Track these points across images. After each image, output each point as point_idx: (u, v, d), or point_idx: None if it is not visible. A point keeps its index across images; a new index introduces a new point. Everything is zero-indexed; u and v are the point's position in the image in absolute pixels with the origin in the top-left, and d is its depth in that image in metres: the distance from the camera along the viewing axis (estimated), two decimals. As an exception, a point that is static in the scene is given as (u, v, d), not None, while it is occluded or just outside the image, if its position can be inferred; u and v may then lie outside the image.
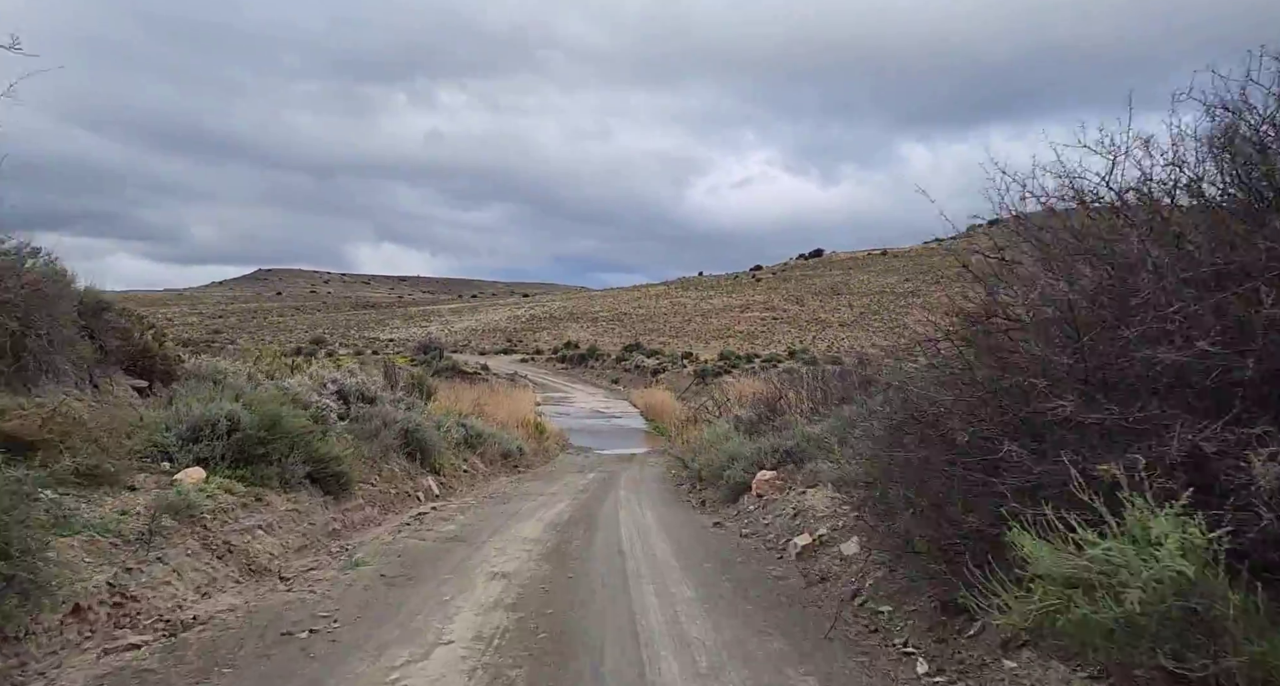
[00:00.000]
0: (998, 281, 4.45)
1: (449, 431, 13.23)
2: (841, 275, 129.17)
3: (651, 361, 54.35)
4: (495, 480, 13.69)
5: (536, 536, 7.23)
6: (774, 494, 7.75)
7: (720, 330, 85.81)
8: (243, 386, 7.85)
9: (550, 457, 20.52)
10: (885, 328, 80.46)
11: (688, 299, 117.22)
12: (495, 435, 15.73)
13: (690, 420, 22.94)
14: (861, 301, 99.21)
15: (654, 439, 28.41)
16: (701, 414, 22.56)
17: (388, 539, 6.82)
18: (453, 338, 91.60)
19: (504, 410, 23.72)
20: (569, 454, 22.65)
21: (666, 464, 19.25)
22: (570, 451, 23.33)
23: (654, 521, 8.50)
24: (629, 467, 18.07)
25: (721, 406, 21.54)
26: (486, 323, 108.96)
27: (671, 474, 16.17)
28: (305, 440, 6.67)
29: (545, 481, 13.95)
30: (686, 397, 36.97)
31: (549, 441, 22.31)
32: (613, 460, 20.65)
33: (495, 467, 14.81)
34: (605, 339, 78.49)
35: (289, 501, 6.20)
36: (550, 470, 16.73)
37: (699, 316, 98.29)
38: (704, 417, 22.09)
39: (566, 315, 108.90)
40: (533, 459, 18.19)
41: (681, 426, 22.89)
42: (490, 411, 22.66)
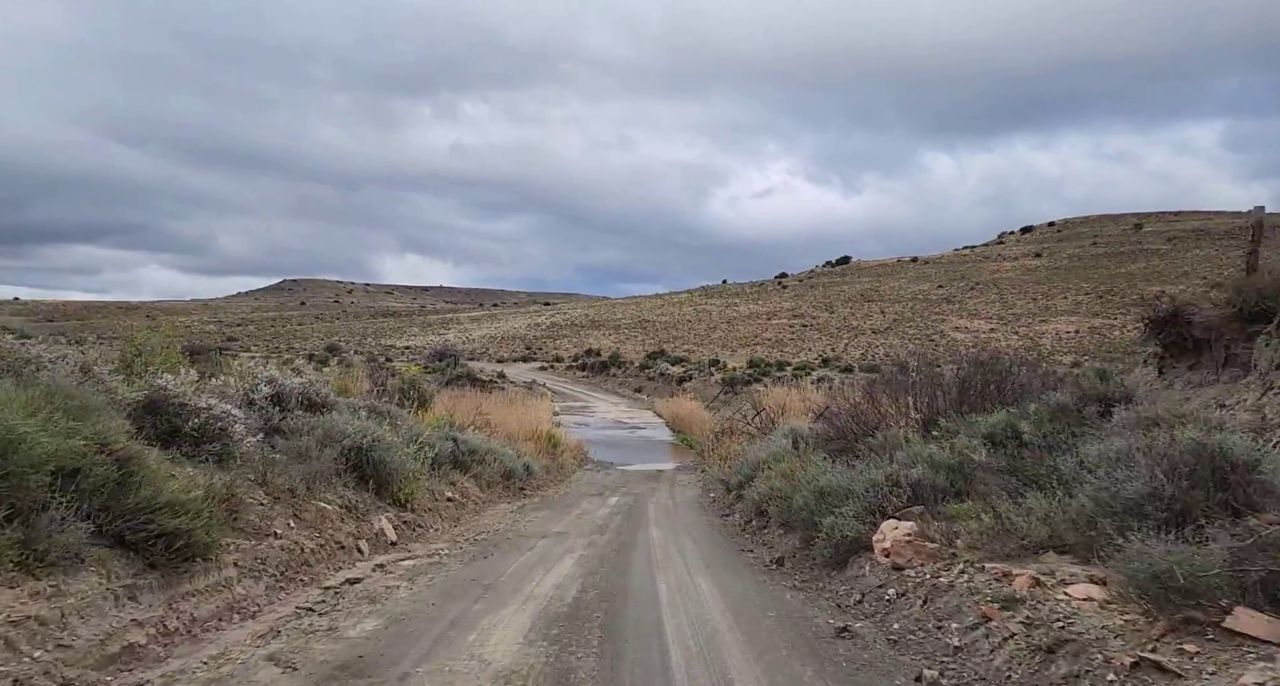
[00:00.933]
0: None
1: (429, 448, 10.21)
2: (871, 282, 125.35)
3: (677, 369, 51.26)
4: (491, 509, 10.68)
5: (509, 663, 4.12)
6: (921, 564, 4.63)
7: (747, 337, 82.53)
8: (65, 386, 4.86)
9: (566, 476, 17.50)
10: (921, 335, 76.70)
11: (712, 306, 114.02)
12: (496, 451, 12.73)
13: (725, 432, 19.80)
14: (894, 308, 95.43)
15: (682, 452, 25.37)
16: (738, 425, 19.42)
17: (206, 675, 3.55)
18: (470, 345, 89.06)
19: (514, 420, 20.81)
20: (587, 470, 19.62)
21: (702, 484, 16.18)
22: (589, 467, 20.30)
23: (720, 612, 5.24)
24: (657, 489, 15.01)
25: (763, 416, 18.40)
26: (506, 330, 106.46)
27: (710, 498, 13.06)
28: (100, 476, 3.71)
29: (554, 511, 10.92)
30: (715, 407, 33.66)
31: (565, 456, 19.28)
32: (638, 478, 17.60)
33: (494, 492, 11.81)
34: (628, 346, 75.53)
35: (36, 593, 3.23)
36: (564, 493, 13.71)
37: (724, 323, 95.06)
38: (742, 429, 18.95)
39: (588, 323, 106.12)
40: (544, 478, 15.17)
41: (715, 439, 19.76)
42: (499, 421, 19.79)
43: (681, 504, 12.48)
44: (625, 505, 11.94)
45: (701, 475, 18.07)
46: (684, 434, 28.87)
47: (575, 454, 21.53)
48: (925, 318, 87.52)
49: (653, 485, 16.11)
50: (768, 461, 10.00)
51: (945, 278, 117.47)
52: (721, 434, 19.76)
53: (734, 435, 18.98)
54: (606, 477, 17.84)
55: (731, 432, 19.29)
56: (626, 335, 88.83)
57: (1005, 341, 70.04)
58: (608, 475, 18.48)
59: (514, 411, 24.02)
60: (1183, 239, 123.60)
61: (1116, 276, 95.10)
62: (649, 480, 17.36)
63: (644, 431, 31.58)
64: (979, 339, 72.49)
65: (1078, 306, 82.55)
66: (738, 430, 19.38)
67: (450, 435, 11.99)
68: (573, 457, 20.53)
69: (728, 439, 18.76)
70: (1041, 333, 70.51)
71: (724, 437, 19.15)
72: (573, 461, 20.05)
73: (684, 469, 20.06)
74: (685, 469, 20.06)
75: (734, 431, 19.30)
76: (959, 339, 73.32)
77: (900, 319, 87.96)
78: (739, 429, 19.34)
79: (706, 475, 17.60)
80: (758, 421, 18.23)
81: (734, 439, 18.61)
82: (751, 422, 18.11)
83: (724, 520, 10.37)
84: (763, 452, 10.53)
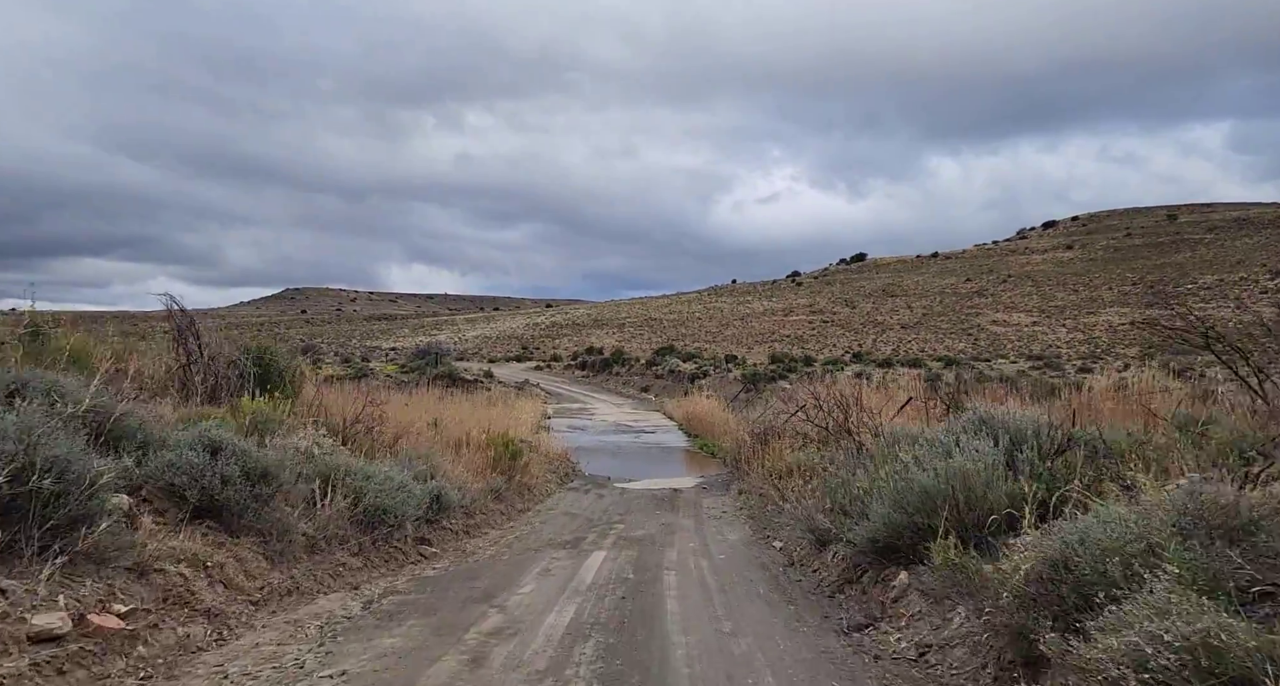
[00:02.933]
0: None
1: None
2: (892, 277, 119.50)
3: (689, 366, 45.50)
4: (266, 619, 4.90)
5: None
6: None
7: (763, 334, 76.70)
8: None
9: (533, 502, 11.75)
10: (956, 329, 70.86)
11: (723, 304, 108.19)
12: (365, 473, 6.81)
13: (766, 434, 13.94)
14: (921, 303, 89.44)
15: (702, 461, 19.65)
16: (790, 425, 13.58)
17: None
18: (463, 345, 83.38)
19: (475, 424, 15.12)
20: (572, 490, 13.92)
21: (748, 514, 10.46)
22: (576, 485, 14.59)
23: None
24: (676, 527, 9.29)
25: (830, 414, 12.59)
26: (502, 330, 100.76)
27: (778, 550, 7.32)
28: None
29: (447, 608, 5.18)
30: (736, 407, 27.54)
31: (534, 472, 13.48)
32: (644, 503, 11.89)
33: (322, 563, 6.01)
34: (633, 345, 69.80)
35: None
36: (509, 542, 7.93)
37: (737, 321, 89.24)
38: (796, 430, 13.13)
39: (590, 322, 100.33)
40: (484, 513, 9.38)
41: (753, 445, 13.94)
42: (455, 423, 14.18)
43: (729, 565, 6.73)
44: (618, 574, 6.18)
45: (741, 498, 12.26)
46: (703, 438, 23.08)
47: (559, 466, 15.77)
48: (957, 311, 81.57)
49: (667, 517, 10.33)
50: (956, 482, 4.17)
51: (972, 272, 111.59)
52: (762, 437, 13.95)
53: (781, 438, 13.20)
54: (597, 503, 12.07)
55: (778, 435, 13.50)
56: (632, 334, 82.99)
57: (1053, 334, 64.14)
58: (600, 499, 12.72)
59: (487, 413, 18.44)
60: (1224, 228, 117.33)
61: (1163, 266, 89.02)
62: (661, 506, 11.61)
63: (652, 436, 25.78)
64: (1022, 333, 66.54)
65: (1126, 297, 76.48)
66: (786, 431, 13.59)
67: (237, 449, 6.04)
68: (551, 473, 14.76)
69: (774, 444, 12.97)
70: (1092, 324, 64.53)
71: (767, 442, 13.36)
72: (550, 478, 14.29)
73: (710, 486, 14.31)
74: (711, 486, 14.30)
75: (781, 433, 13.51)
76: (1000, 333, 67.39)
77: (930, 313, 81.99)
78: (789, 429, 13.53)
79: (750, 499, 11.80)
80: (824, 419, 12.40)
81: (782, 443, 12.83)
82: (814, 421, 12.29)
83: (856, 628, 4.60)
84: (929, 474, 4.67)
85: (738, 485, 13.42)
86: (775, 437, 13.41)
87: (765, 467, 12.02)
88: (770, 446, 12.80)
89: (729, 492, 13.33)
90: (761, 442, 13.55)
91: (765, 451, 12.82)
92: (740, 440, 15.66)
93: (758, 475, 12.19)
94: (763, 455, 12.71)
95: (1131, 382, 13.12)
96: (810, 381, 27.38)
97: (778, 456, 11.97)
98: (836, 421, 11.63)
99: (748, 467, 13.39)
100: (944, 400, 9.46)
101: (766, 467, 11.95)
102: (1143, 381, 12.53)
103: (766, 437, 13.63)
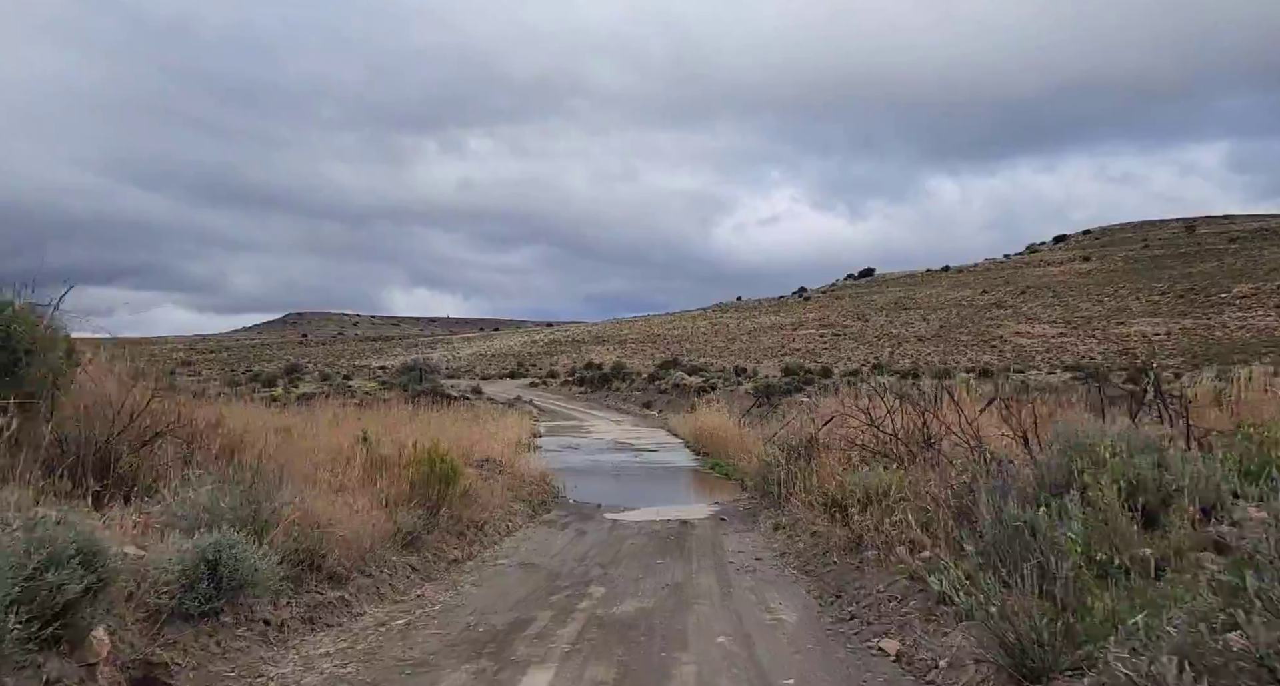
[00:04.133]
0: None
1: None
2: (903, 291, 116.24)
3: (695, 379, 42.13)
4: None
5: None
6: None
7: (771, 349, 73.30)
8: None
9: (480, 546, 8.42)
10: (978, 341, 67.50)
11: (729, 319, 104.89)
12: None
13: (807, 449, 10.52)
14: (937, 315, 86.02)
15: (714, 483, 16.32)
16: (841, 437, 10.18)
17: None
18: (456, 363, 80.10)
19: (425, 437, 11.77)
20: (544, 524, 10.59)
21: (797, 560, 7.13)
22: (551, 516, 11.28)
23: None
24: (690, 589, 6.01)
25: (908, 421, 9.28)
26: (498, 348, 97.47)
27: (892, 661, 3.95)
28: None
29: None
30: (749, 422, 23.95)
31: (480, 502, 10.08)
32: (641, 543, 8.57)
33: None
34: (635, 361, 66.44)
35: None
36: (346, 663, 4.41)
37: (744, 335, 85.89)
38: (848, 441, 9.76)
39: (591, 338, 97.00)
40: (382, 571, 5.98)
41: (791, 462, 10.53)
42: (401, 437, 10.89)
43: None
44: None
45: (780, 536, 8.86)
46: (714, 457, 19.69)
47: (534, 492, 12.39)
48: (976, 323, 78.16)
49: (674, 569, 6.96)
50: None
51: (987, 284, 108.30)
52: (801, 451, 10.52)
53: (828, 452, 9.82)
54: (574, 546, 8.67)
55: (823, 448, 10.10)
56: (634, 350, 79.67)
57: (1083, 345, 60.73)
58: (579, 537, 9.32)
59: (456, 431, 15.30)
60: (1246, 239, 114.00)
61: (1191, 276, 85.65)
62: (665, 549, 8.22)
63: (654, 454, 22.39)
64: (1050, 344, 63.14)
65: (1156, 307, 73.07)
66: (833, 444, 10.19)
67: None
68: (520, 501, 11.37)
69: (821, 459, 9.57)
70: (1125, 336, 61.07)
71: (810, 457, 9.95)
72: (518, 509, 10.89)
73: (729, 515, 10.93)
74: (732, 516, 10.92)
75: (827, 447, 10.11)
76: (1025, 344, 64.02)
77: (948, 325, 78.57)
78: (839, 442, 10.13)
79: (794, 537, 8.39)
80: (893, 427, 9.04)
81: (829, 457, 9.45)
82: (882, 428, 8.91)
83: None
84: None
85: (770, 515, 10.03)
86: (820, 452, 10.02)
87: (811, 492, 8.63)
88: (820, 465, 9.40)
89: (757, 526, 9.94)
90: (803, 458, 10.14)
91: (807, 471, 9.42)
92: (767, 458, 12.25)
93: (800, 502, 8.79)
94: (805, 475, 9.31)
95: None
96: (831, 393, 23.62)
97: (828, 477, 8.58)
98: (910, 431, 8.24)
99: (784, 492, 9.98)
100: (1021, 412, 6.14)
101: (813, 492, 8.55)
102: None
103: (808, 452, 10.22)
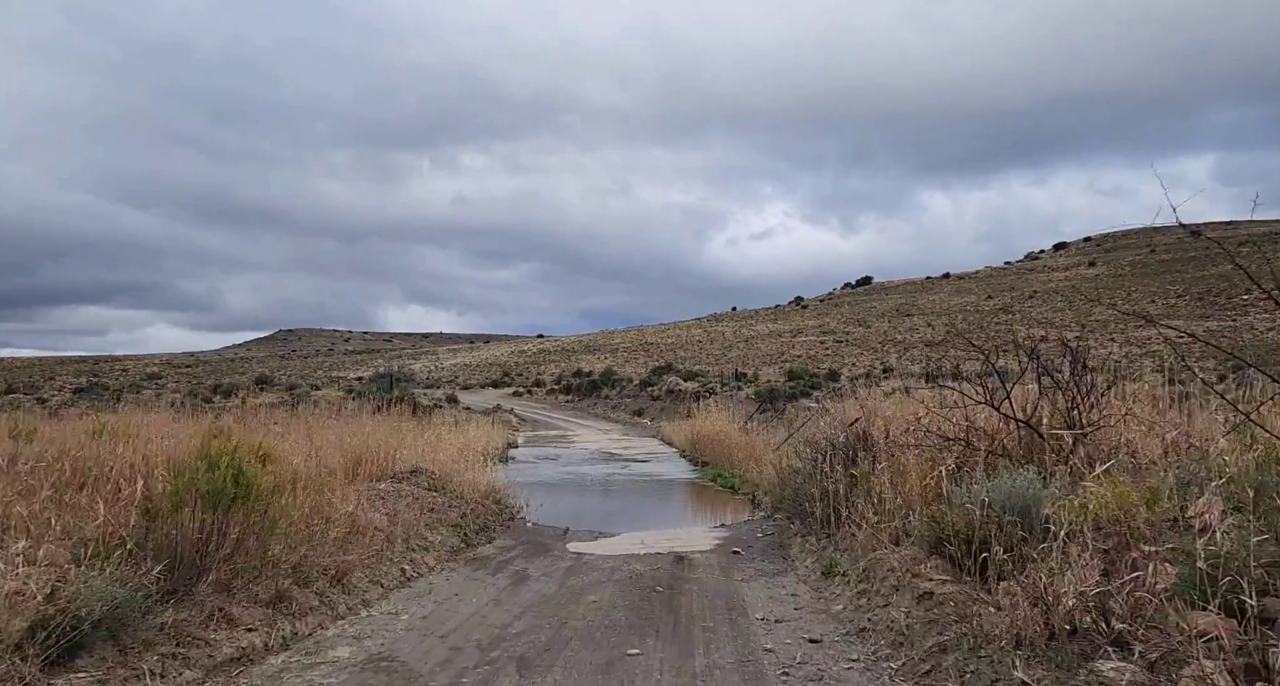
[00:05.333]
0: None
1: None
2: (904, 297, 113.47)
3: (691, 385, 38.88)
4: None
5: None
6: None
7: (770, 356, 70.14)
8: None
9: (348, 609, 5.14)
10: (989, 346, 64.78)
11: (725, 328, 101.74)
12: None
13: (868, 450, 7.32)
14: (942, 320, 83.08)
15: (716, 498, 13.31)
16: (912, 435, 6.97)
17: None
18: (439, 373, 76.67)
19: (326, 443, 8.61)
20: (469, 562, 7.37)
21: (896, 653, 3.80)
22: (489, 549, 8.10)
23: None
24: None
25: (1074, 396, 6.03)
26: (484, 358, 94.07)
27: None
28: None
29: None
30: (753, 429, 20.62)
31: (388, 533, 6.81)
32: (610, 598, 5.40)
33: None
34: (627, 369, 63.17)
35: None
36: None
37: (741, 343, 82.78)
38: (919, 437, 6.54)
39: (581, 348, 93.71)
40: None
41: (836, 472, 7.31)
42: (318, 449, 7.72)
43: None
44: None
45: (843, 589, 5.58)
46: (718, 468, 16.54)
47: (472, 515, 9.16)
48: (984, 328, 75.21)
49: (656, 672, 3.74)
50: None
51: (991, 290, 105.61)
52: (854, 453, 7.30)
53: (904, 452, 6.60)
54: (493, 612, 5.48)
55: (895, 449, 6.89)
56: (625, 358, 76.42)
57: (1104, 349, 57.73)
58: (514, 587, 6.11)
59: (397, 441, 12.23)
60: (1258, 242, 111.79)
61: (1208, 278, 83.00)
62: (648, 617, 5.00)
63: (644, 465, 19.21)
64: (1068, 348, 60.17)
65: (1174, 310, 70.22)
66: (904, 439, 6.99)
67: None
68: (449, 528, 8.15)
69: (896, 461, 6.35)
70: (1146, 338, 58.06)
71: (878, 461, 6.74)
72: (435, 539, 7.66)
73: (744, 545, 7.72)
74: (748, 545, 7.71)
75: (904, 447, 6.89)
76: (1042, 349, 61.03)
77: (955, 330, 75.64)
78: (911, 435, 6.93)
79: (878, 598, 5.04)
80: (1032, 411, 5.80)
81: (906, 459, 6.25)
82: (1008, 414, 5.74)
83: None
84: None
85: (809, 546, 6.83)
86: (881, 453, 6.82)
87: (888, 514, 5.42)
88: (884, 467, 6.19)
89: (791, 565, 6.73)
90: (856, 460, 6.95)
91: (872, 478, 6.21)
92: (793, 464, 9.03)
93: (866, 529, 5.56)
94: (869, 485, 6.09)
95: None
96: (842, 397, 20.18)
97: (916, 489, 5.37)
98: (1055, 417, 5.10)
99: (832, 512, 6.77)
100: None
101: (891, 514, 5.34)
102: None
103: (865, 450, 7.03)
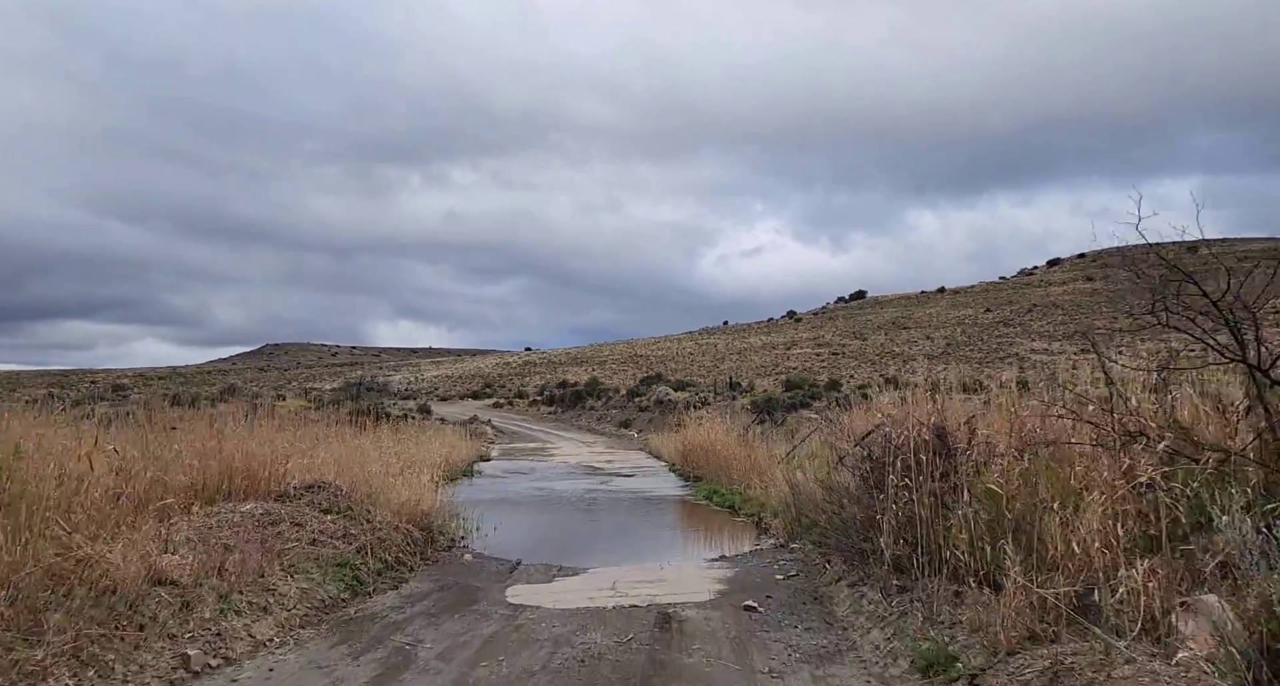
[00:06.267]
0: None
1: None
2: (899, 311, 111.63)
3: (682, 395, 36.49)
4: None
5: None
6: None
7: (764, 368, 67.89)
8: None
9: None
10: (992, 358, 62.56)
11: (717, 340, 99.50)
12: None
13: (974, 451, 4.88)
14: (940, 333, 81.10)
15: (712, 519, 11.11)
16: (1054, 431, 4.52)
17: None
18: (418, 385, 74.00)
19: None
20: (323, 639, 4.79)
21: None
22: (379, 607, 5.59)
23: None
24: None
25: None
26: (468, 370, 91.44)
27: None
28: None
29: None
30: (752, 441, 18.10)
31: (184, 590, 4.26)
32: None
33: None
34: (615, 380, 60.72)
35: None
36: None
37: (734, 355, 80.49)
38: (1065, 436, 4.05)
39: (568, 360, 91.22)
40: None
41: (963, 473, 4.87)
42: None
43: None
44: None
45: None
46: (714, 483, 14.15)
47: (383, 545, 6.71)
48: (985, 341, 73.27)
49: None
50: None
51: (990, 303, 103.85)
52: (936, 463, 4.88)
53: (1058, 447, 4.13)
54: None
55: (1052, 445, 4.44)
56: (614, 370, 74.02)
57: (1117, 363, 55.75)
58: None
59: (282, 441, 9.69)
60: (1255, 259, 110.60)
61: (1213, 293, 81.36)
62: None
63: (629, 480, 16.74)
64: (1075, 361, 58.38)
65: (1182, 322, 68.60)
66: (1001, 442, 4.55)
67: None
68: (335, 567, 5.65)
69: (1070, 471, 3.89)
70: (1154, 351, 56.23)
71: (981, 470, 4.31)
72: (298, 589, 5.17)
73: (759, 594, 5.28)
74: (765, 593, 5.27)
75: (994, 446, 4.45)
76: (1044, 361, 59.16)
77: (954, 343, 73.60)
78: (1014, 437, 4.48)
79: None
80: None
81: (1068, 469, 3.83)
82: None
83: None
84: None
85: (868, 605, 4.37)
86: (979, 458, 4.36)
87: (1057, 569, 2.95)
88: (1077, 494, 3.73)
89: (841, 634, 4.29)
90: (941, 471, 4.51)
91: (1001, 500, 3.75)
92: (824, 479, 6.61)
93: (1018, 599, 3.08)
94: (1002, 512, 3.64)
95: None
96: (846, 408, 17.76)
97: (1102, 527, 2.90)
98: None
99: (918, 551, 4.32)
100: None
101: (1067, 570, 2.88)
102: None
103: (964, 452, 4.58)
